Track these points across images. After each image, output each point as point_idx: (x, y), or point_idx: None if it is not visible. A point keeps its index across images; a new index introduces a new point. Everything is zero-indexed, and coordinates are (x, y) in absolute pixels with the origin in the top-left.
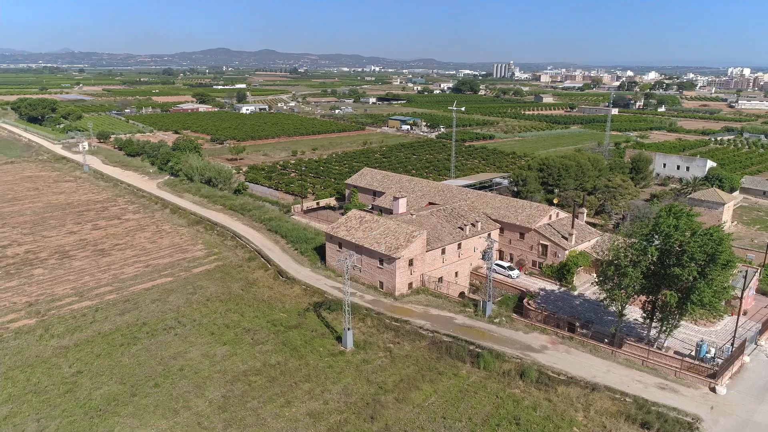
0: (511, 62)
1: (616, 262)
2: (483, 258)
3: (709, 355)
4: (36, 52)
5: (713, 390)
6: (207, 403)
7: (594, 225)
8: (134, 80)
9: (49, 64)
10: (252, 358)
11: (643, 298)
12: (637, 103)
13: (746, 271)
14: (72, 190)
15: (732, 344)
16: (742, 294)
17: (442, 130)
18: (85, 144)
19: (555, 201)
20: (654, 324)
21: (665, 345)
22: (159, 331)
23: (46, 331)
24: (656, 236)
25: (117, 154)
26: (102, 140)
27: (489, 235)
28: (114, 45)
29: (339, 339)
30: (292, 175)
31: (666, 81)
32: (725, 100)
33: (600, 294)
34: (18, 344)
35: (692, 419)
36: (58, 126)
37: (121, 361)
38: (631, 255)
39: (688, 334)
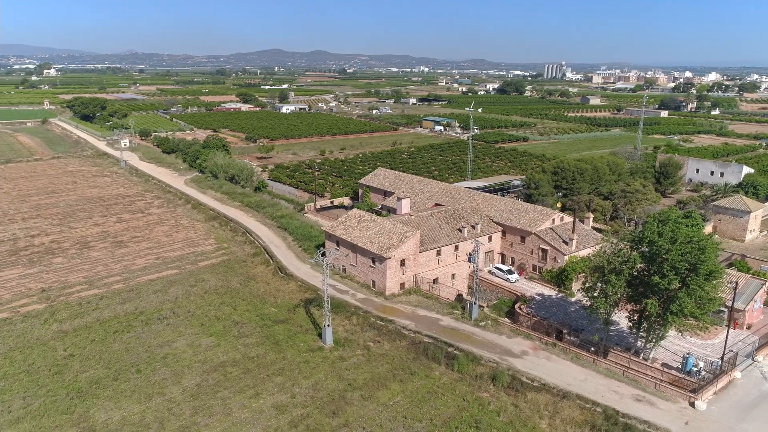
0: (563, 63)
1: (600, 268)
2: (468, 260)
3: (695, 369)
4: (103, 53)
5: (692, 405)
6: (181, 391)
7: (600, 230)
8: (188, 80)
9: (113, 65)
10: (233, 350)
11: (630, 306)
12: (689, 106)
13: (736, 282)
14: (106, 185)
15: (721, 359)
16: (732, 306)
17: (476, 131)
18: (126, 141)
19: (558, 205)
20: (641, 334)
21: (651, 356)
22: (153, 320)
23: (51, 316)
24: (642, 243)
25: (154, 151)
26: (143, 138)
27: (490, 238)
28: (174, 46)
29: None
30: (316, 173)
31: (726, 82)
32: None
33: (587, 301)
34: (23, 327)
35: None
36: (106, 123)
37: (112, 347)
38: (615, 262)
39: (681, 345)
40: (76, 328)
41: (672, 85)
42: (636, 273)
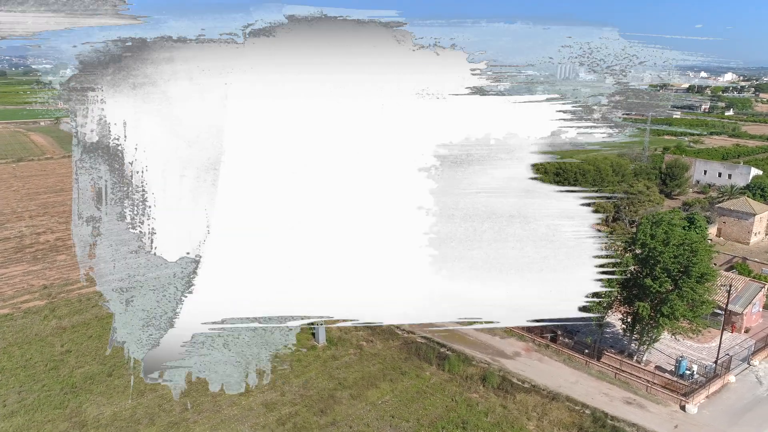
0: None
1: None
2: None
3: (688, 372)
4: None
5: (683, 408)
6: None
7: (599, 232)
8: None
9: None
10: None
11: (624, 309)
12: (703, 107)
13: (729, 285)
14: None
15: (715, 362)
16: (726, 309)
17: None
18: None
19: None
20: (634, 336)
21: (645, 359)
22: None
23: (51, 312)
24: (635, 244)
25: None
26: None
27: None
28: None
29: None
30: None
31: (742, 83)
32: None
33: None
34: (23, 323)
35: None
36: None
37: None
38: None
39: (677, 348)
40: (75, 325)
41: (686, 85)
42: (629, 275)
